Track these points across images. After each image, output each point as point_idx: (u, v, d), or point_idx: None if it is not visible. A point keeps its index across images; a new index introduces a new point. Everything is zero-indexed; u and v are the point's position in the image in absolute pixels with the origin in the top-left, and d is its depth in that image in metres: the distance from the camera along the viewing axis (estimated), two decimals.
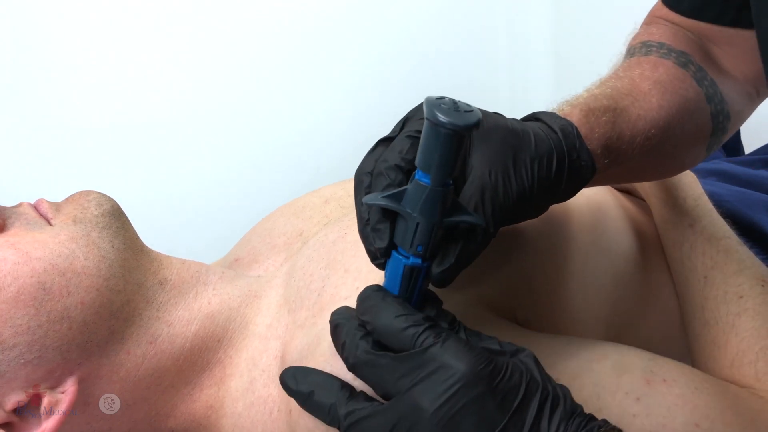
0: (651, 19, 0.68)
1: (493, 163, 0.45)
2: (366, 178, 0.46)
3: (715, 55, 0.64)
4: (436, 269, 0.44)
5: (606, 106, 0.52)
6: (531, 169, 0.46)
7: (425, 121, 0.39)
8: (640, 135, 0.53)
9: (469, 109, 0.40)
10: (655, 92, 0.56)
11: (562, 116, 0.49)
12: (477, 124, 0.39)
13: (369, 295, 0.45)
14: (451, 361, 0.40)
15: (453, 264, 0.43)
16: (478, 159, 0.45)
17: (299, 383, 0.47)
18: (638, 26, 0.69)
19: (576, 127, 0.49)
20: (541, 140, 0.47)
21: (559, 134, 0.47)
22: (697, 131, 0.59)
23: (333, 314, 0.47)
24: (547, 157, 0.46)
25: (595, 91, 0.54)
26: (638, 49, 0.63)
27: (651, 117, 0.54)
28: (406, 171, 0.44)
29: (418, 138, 0.42)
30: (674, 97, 0.57)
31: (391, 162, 0.44)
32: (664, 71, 0.58)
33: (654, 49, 0.61)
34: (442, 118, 0.38)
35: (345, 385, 0.46)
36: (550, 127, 0.48)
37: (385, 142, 0.47)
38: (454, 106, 0.39)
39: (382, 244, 0.44)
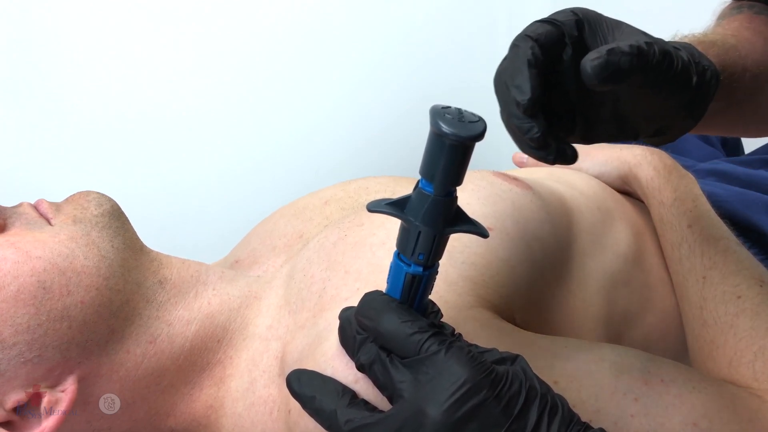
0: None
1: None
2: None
3: None
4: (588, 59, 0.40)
5: (714, 41, 0.51)
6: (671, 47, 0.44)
7: (429, 131, 0.39)
8: (749, 70, 0.53)
9: (474, 119, 0.39)
10: (758, 40, 0.56)
11: None
12: (481, 135, 0.39)
13: (374, 298, 0.45)
14: (456, 368, 0.41)
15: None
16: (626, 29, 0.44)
17: (303, 386, 0.47)
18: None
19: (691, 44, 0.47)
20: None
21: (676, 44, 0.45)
22: None
23: (342, 312, 0.47)
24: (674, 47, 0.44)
25: (698, 36, 0.54)
26: (728, 12, 0.62)
27: (757, 58, 0.54)
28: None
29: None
30: None
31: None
32: (761, 23, 0.58)
33: (745, 9, 0.61)
34: (445, 128, 0.38)
35: (346, 391, 0.46)
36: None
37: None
38: (459, 116, 0.39)
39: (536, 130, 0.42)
